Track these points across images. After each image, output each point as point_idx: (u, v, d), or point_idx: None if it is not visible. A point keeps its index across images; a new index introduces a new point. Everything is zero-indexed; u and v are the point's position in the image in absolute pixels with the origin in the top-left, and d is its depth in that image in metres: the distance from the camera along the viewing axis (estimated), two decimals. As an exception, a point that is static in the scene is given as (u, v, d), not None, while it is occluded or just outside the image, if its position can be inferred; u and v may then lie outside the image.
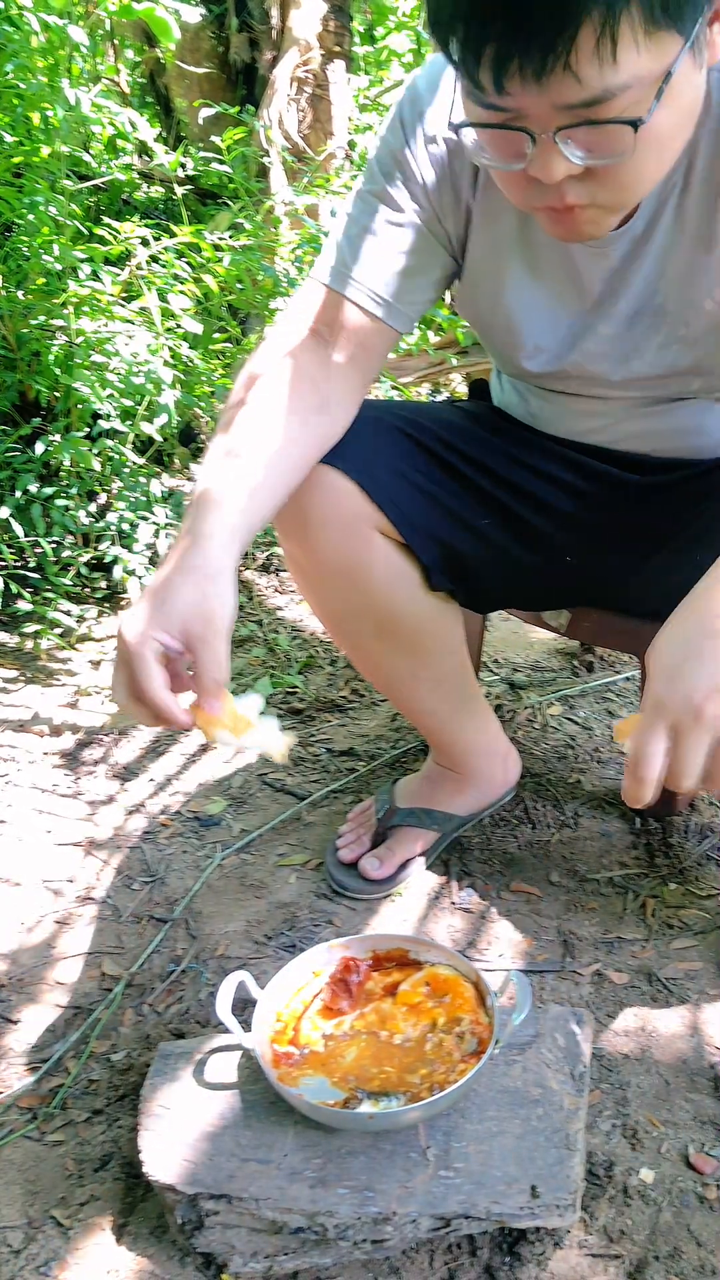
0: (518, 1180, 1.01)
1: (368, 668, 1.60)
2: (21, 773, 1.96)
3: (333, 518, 1.32)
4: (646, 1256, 1.05)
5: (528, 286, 1.24)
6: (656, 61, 0.83)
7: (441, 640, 1.50)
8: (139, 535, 2.60)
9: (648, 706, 0.91)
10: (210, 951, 1.48)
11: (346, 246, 1.23)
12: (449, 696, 1.58)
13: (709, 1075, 1.26)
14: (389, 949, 1.26)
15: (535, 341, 1.28)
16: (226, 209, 3.20)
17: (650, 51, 0.82)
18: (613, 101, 0.84)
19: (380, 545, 1.37)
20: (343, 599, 1.44)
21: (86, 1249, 1.07)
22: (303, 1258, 1.01)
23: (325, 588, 1.44)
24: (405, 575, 1.41)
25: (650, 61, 0.83)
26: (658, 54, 0.83)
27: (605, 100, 0.83)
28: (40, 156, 2.50)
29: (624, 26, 0.79)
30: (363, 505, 1.33)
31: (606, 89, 0.82)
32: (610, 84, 0.82)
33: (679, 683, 0.89)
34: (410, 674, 1.53)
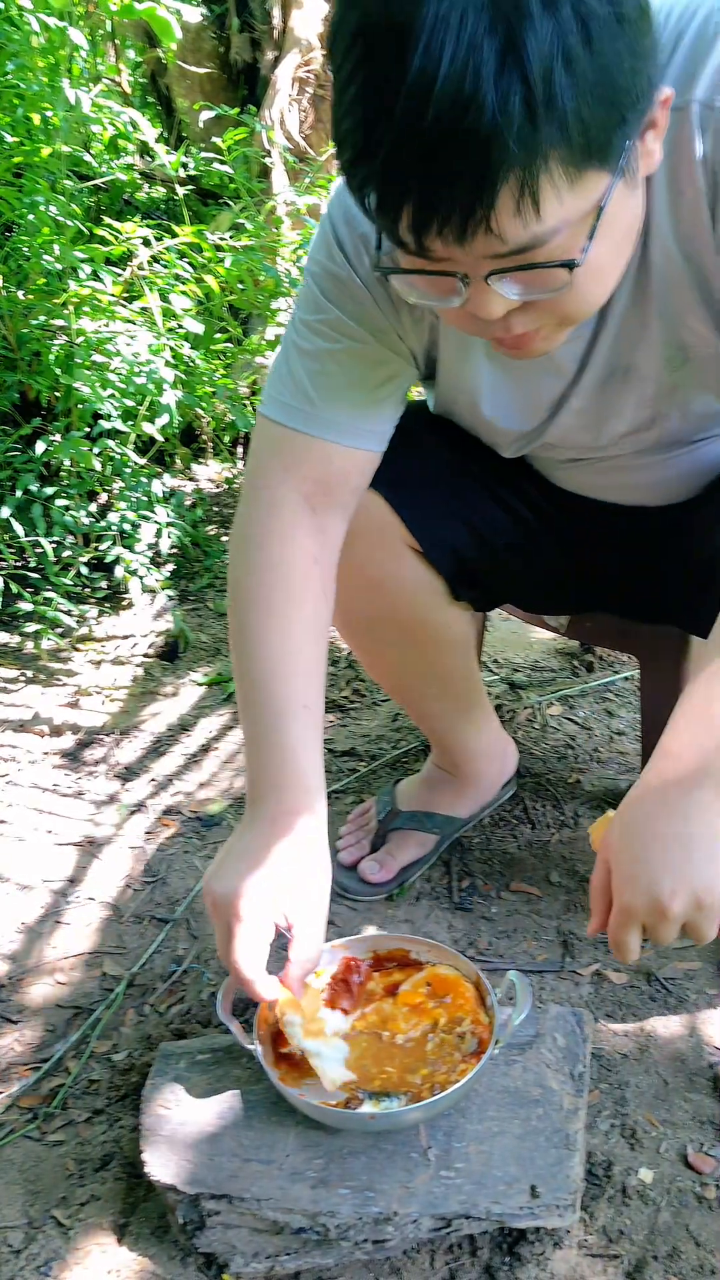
0: (518, 1180, 1.01)
1: (380, 672, 1.61)
2: (22, 773, 1.96)
3: (363, 531, 1.31)
4: (645, 1256, 1.05)
5: (503, 386, 1.20)
6: (586, 200, 0.80)
7: (458, 649, 1.51)
8: (140, 535, 2.60)
9: (618, 908, 0.95)
10: (211, 952, 1.49)
11: (309, 384, 1.17)
12: (456, 700, 1.59)
13: (708, 1075, 1.26)
14: (390, 949, 1.26)
15: (512, 432, 1.25)
16: (228, 209, 3.21)
17: (576, 194, 0.78)
18: (542, 247, 0.80)
19: (406, 558, 1.38)
20: (368, 609, 1.44)
21: (87, 1249, 1.07)
22: (304, 1258, 1.02)
23: (351, 599, 1.41)
24: (430, 586, 1.41)
25: (579, 202, 0.79)
26: (585, 193, 0.79)
27: (534, 247, 0.80)
28: (41, 157, 2.50)
29: (544, 183, 0.75)
30: (389, 519, 1.33)
31: (534, 239, 0.79)
32: (537, 234, 0.79)
33: (641, 890, 0.93)
34: (422, 679, 1.54)
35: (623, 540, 1.41)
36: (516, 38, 0.69)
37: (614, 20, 0.73)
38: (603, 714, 2.11)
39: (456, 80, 0.69)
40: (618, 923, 0.96)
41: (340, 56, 0.76)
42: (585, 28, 0.71)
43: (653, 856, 0.93)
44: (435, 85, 0.70)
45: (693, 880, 0.92)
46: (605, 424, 1.20)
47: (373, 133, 0.74)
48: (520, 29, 0.69)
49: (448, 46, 0.69)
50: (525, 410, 1.22)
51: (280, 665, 1.15)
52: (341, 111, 0.77)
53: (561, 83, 0.71)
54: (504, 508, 1.40)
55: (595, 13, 0.71)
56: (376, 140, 0.74)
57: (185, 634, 2.45)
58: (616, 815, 0.99)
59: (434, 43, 0.69)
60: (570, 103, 0.72)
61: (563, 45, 0.70)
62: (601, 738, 2.02)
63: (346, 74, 0.75)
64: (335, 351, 1.16)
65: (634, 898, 0.94)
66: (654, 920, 0.94)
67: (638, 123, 0.80)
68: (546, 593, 1.57)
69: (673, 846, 0.92)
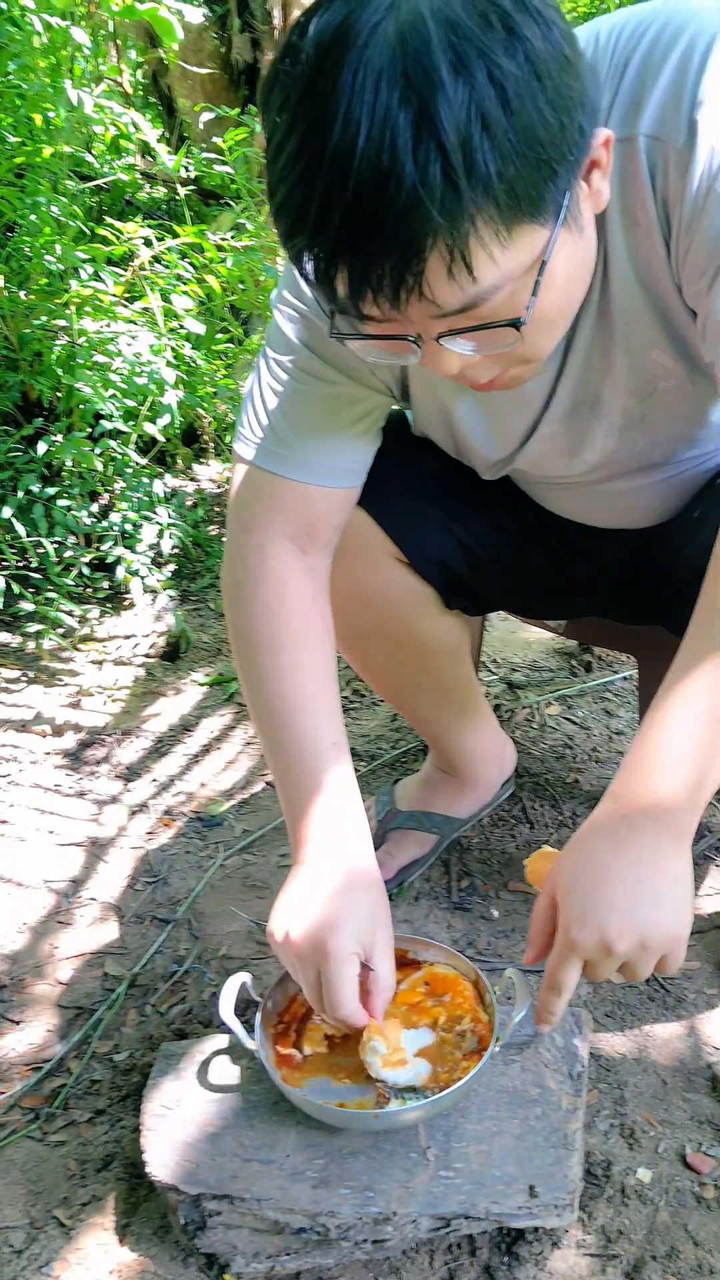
0: (516, 1180, 1.02)
1: (374, 679, 1.61)
2: (24, 773, 1.97)
3: (349, 546, 1.31)
4: (644, 1256, 1.05)
5: (474, 417, 1.20)
6: (526, 254, 0.79)
7: (451, 655, 1.52)
8: (142, 535, 2.61)
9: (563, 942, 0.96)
10: (213, 952, 1.49)
11: (284, 426, 1.17)
12: (452, 704, 1.60)
13: (706, 1075, 1.27)
14: None
15: (487, 458, 1.25)
16: (229, 209, 3.21)
17: (514, 251, 0.78)
18: (485, 304, 0.80)
19: (395, 571, 1.38)
20: (358, 623, 1.45)
21: (89, 1249, 1.08)
22: (304, 1258, 1.02)
23: (341, 613, 1.41)
24: (419, 596, 1.42)
25: (518, 257, 0.79)
26: (525, 248, 0.79)
27: (477, 305, 0.80)
28: (43, 157, 2.50)
29: (474, 246, 0.75)
30: (376, 534, 1.34)
31: (474, 299, 0.79)
32: (475, 294, 0.79)
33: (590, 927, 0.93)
34: (416, 685, 1.55)
35: (606, 557, 1.42)
36: (429, 108, 0.69)
37: (532, 78, 0.73)
38: (601, 714, 2.12)
39: (374, 153, 0.70)
40: (560, 956, 0.97)
41: (269, 127, 0.77)
42: (501, 90, 0.71)
43: (604, 895, 0.93)
44: (355, 159, 0.71)
45: (640, 921, 0.93)
46: (576, 453, 1.20)
47: (301, 206, 0.75)
48: (432, 99, 0.69)
49: (364, 121, 0.70)
50: (497, 439, 1.22)
51: (303, 707, 1.16)
52: (274, 181, 0.78)
53: (481, 148, 0.71)
54: (488, 519, 1.40)
55: (510, 74, 0.71)
56: (305, 214, 0.75)
57: (187, 634, 2.46)
58: (566, 851, 0.99)
59: (351, 117, 0.70)
60: (492, 165, 0.72)
61: (479, 110, 0.70)
62: (600, 738, 2.03)
63: (275, 145, 0.76)
64: (307, 393, 1.16)
65: (581, 934, 0.94)
66: (598, 957, 0.94)
67: (572, 171, 0.80)
68: (536, 600, 1.58)
69: (623, 886, 0.93)
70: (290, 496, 1.19)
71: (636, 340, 1.04)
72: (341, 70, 0.70)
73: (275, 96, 0.76)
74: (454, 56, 0.70)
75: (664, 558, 1.32)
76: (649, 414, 1.13)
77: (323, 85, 0.71)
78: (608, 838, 0.95)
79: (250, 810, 1.85)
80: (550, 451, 1.21)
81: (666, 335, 1.03)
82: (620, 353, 1.06)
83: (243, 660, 1.21)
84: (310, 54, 0.73)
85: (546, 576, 1.47)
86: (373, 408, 1.21)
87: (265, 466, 1.19)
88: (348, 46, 0.71)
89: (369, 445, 1.24)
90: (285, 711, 1.16)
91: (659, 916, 0.93)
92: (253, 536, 1.20)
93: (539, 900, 1.01)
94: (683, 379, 1.08)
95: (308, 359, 1.14)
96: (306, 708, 1.16)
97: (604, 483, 1.26)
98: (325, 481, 1.20)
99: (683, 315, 1.01)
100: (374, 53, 0.70)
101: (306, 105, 0.73)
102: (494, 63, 0.70)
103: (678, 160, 0.89)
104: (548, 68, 0.73)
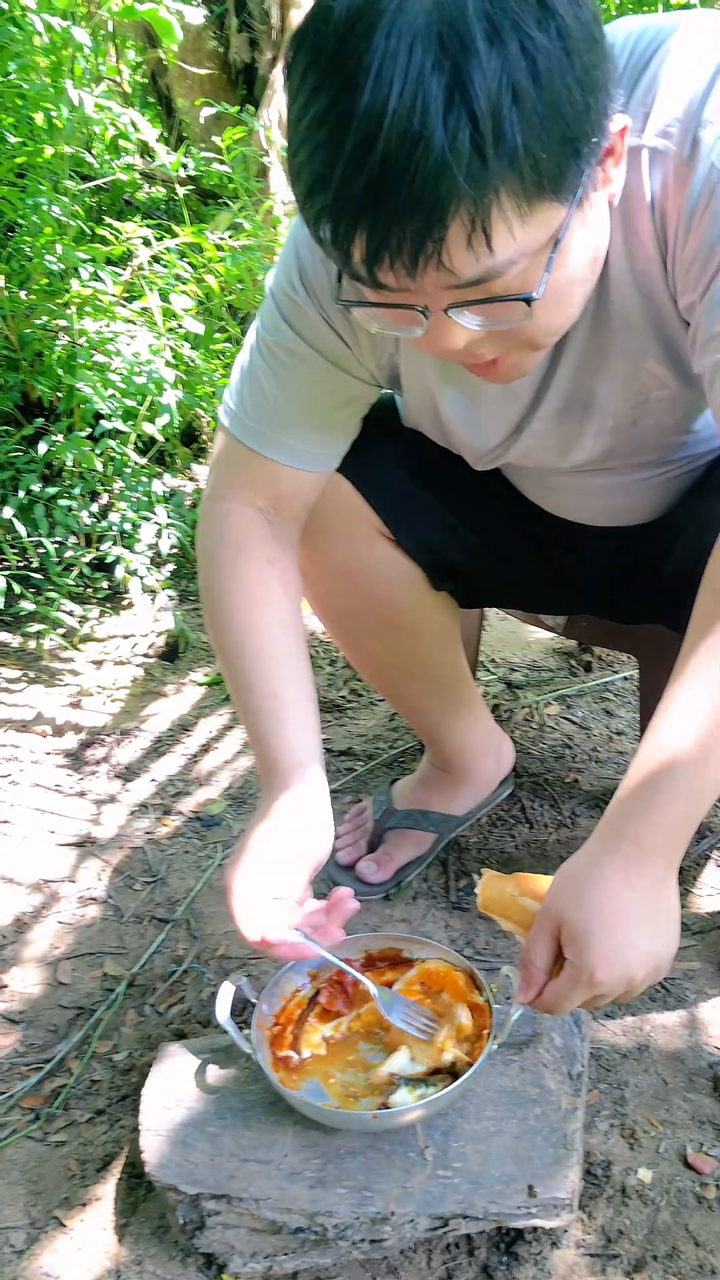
0: (515, 1180, 1.02)
1: (365, 666, 1.62)
2: (24, 773, 1.97)
3: (334, 521, 1.33)
4: (644, 1256, 1.05)
5: (462, 408, 1.20)
6: (542, 232, 0.80)
7: (439, 639, 1.52)
8: (141, 535, 2.61)
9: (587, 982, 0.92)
10: (212, 952, 1.49)
11: (266, 405, 1.19)
12: (444, 695, 1.60)
13: (707, 1075, 1.26)
14: (381, 949, 1.27)
15: (476, 449, 1.25)
16: (227, 209, 3.21)
17: (531, 227, 0.78)
18: (498, 279, 0.81)
19: (382, 547, 1.38)
20: (344, 600, 1.45)
21: (89, 1249, 1.08)
22: (302, 1258, 1.02)
23: (327, 589, 1.45)
24: (406, 576, 1.42)
25: (534, 233, 0.79)
26: (541, 225, 0.79)
27: (490, 279, 0.80)
28: (43, 157, 2.50)
29: (495, 217, 0.76)
30: (363, 508, 1.34)
31: (489, 271, 0.79)
32: (491, 267, 0.79)
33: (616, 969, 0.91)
34: (406, 672, 1.54)
35: (597, 554, 1.42)
36: (462, 74, 0.69)
37: (562, 54, 0.73)
38: (601, 714, 2.12)
39: (405, 117, 0.70)
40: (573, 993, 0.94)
41: (295, 88, 0.77)
42: (533, 63, 0.71)
43: (626, 935, 0.91)
44: (384, 122, 0.71)
45: (656, 955, 0.92)
46: (567, 453, 1.21)
47: (325, 167, 0.75)
48: (466, 66, 0.69)
49: (395, 83, 0.70)
50: (486, 431, 1.22)
51: (253, 663, 1.20)
52: (296, 143, 0.77)
53: (510, 118, 0.72)
54: (478, 507, 1.41)
55: (543, 48, 0.71)
56: (328, 175, 0.75)
57: (185, 634, 2.45)
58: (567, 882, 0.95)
59: (382, 79, 0.70)
60: (519, 138, 0.73)
61: (510, 81, 0.71)
62: (600, 738, 2.03)
63: (300, 106, 0.76)
64: (291, 376, 1.17)
65: (608, 975, 0.91)
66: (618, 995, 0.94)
67: (592, 153, 0.80)
68: (527, 592, 1.57)
69: (642, 925, 0.92)
70: (261, 472, 1.22)
71: (631, 347, 1.05)
72: (375, 32, 0.71)
73: (303, 56, 0.76)
74: (489, 25, 0.70)
75: (656, 556, 1.32)
76: (640, 420, 1.14)
77: (355, 45, 0.71)
78: (620, 871, 0.92)
79: (249, 810, 1.84)
80: (541, 448, 1.21)
81: (660, 345, 1.04)
82: (615, 358, 1.07)
83: (207, 621, 1.26)
84: (343, 14, 0.73)
85: (537, 570, 1.47)
86: (354, 397, 1.22)
87: (243, 440, 1.21)
88: (382, 9, 0.71)
89: (345, 434, 1.26)
90: (240, 670, 1.21)
91: (665, 946, 0.93)
92: (221, 503, 1.25)
93: (535, 936, 0.97)
94: (674, 390, 1.08)
95: (293, 341, 1.15)
96: (257, 665, 1.20)
97: (594, 479, 1.26)
98: (296, 463, 1.22)
99: (677, 326, 1.01)
100: (409, 16, 0.70)
101: (337, 65, 0.72)
102: (527, 34, 0.71)
103: (677, 173, 0.90)
104: (577, 45, 0.74)
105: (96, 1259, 1.07)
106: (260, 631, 1.21)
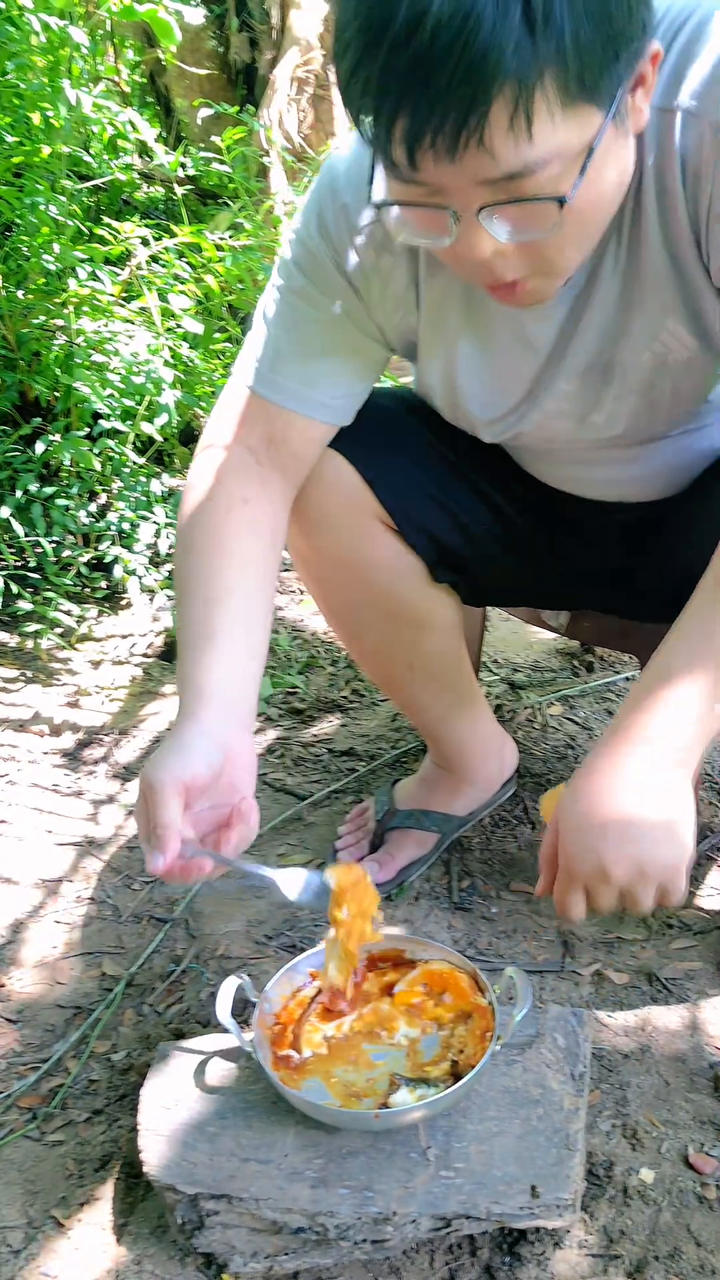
0: (518, 1180, 1.01)
1: (366, 660, 1.61)
2: (22, 772, 1.96)
3: (337, 509, 1.33)
4: (646, 1256, 1.05)
5: (479, 363, 1.20)
6: (577, 135, 0.81)
7: (442, 634, 1.51)
8: (139, 535, 2.60)
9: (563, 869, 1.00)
10: (210, 951, 1.48)
11: (270, 348, 1.20)
12: (446, 691, 1.59)
13: (709, 1075, 1.26)
14: (384, 950, 1.26)
15: (490, 415, 1.25)
16: (226, 209, 3.20)
17: (569, 126, 0.79)
18: (533, 177, 0.81)
19: (383, 538, 1.38)
20: (346, 591, 1.45)
21: (87, 1249, 1.07)
22: (303, 1258, 1.02)
23: (328, 580, 1.45)
24: (408, 568, 1.41)
25: (570, 135, 0.80)
26: (577, 128, 0.80)
27: (525, 176, 0.81)
28: (41, 156, 2.50)
29: (538, 102, 0.76)
30: (366, 497, 1.33)
31: (526, 165, 0.80)
32: (529, 159, 0.79)
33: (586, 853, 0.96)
34: (408, 667, 1.54)
35: (604, 536, 1.42)
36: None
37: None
38: (603, 714, 2.11)
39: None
40: (561, 886, 1.00)
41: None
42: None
43: (599, 824, 0.95)
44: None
45: (637, 849, 0.94)
46: (585, 417, 1.21)
47: (372, 41, 0.76)
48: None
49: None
50: (501, 388, 1.22)
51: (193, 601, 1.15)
52: (344, 20, 0.78)
53: (560, 4, 0.73)
54: (481, 497, 1.40)
55: None
56: (375, 48, 0.76)
57: (185, 634, 2.45)
58: (569, 784, 1.01)
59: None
60: (568, 24, 0.74)
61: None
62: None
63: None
64: (297, 320, 1.19)
65: (578, 864, 0.96)
66: (595, 884, 0.97)
67: (630, 66, 0.82)
68: (532, 585, 1.56)
69: (619, 815, 0.95)
70: (255, 409, 1.22)
71: (654, 305, 1.06)
72: None
73: None
74: None
75: (662, 546, 1.31)
76: (658, 383, 1.14)
77: None
78: (606, 767, 0.97)
79: (249, 810, 1.84)
80: (559, 414, 1.21)
81: (684, 305, 1.05)
82: (639, 315, 1.07)
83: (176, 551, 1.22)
84: None
85: (542, 558, 1.46)
86: (357, 351, 1.22)
87: (243, 380, 1.22)
88: None
89: (349, 385, 1.24)
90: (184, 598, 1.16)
91: (655, 845, 0.95)
92: (210, 447, 1.24)
93: (547, 833, 1.03)
94: (694, 352, 1.09)
95: (304, 286, 1.17)
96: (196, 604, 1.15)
97: (605, 451, 1.26)
98: (287, 404, 1.21)
99: (702, 290, 1.03)
100: None
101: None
102: None
103: (713, 137, 0.91)
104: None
105: (95, 1259, 1.06)
106: (211, 566, 1.17)
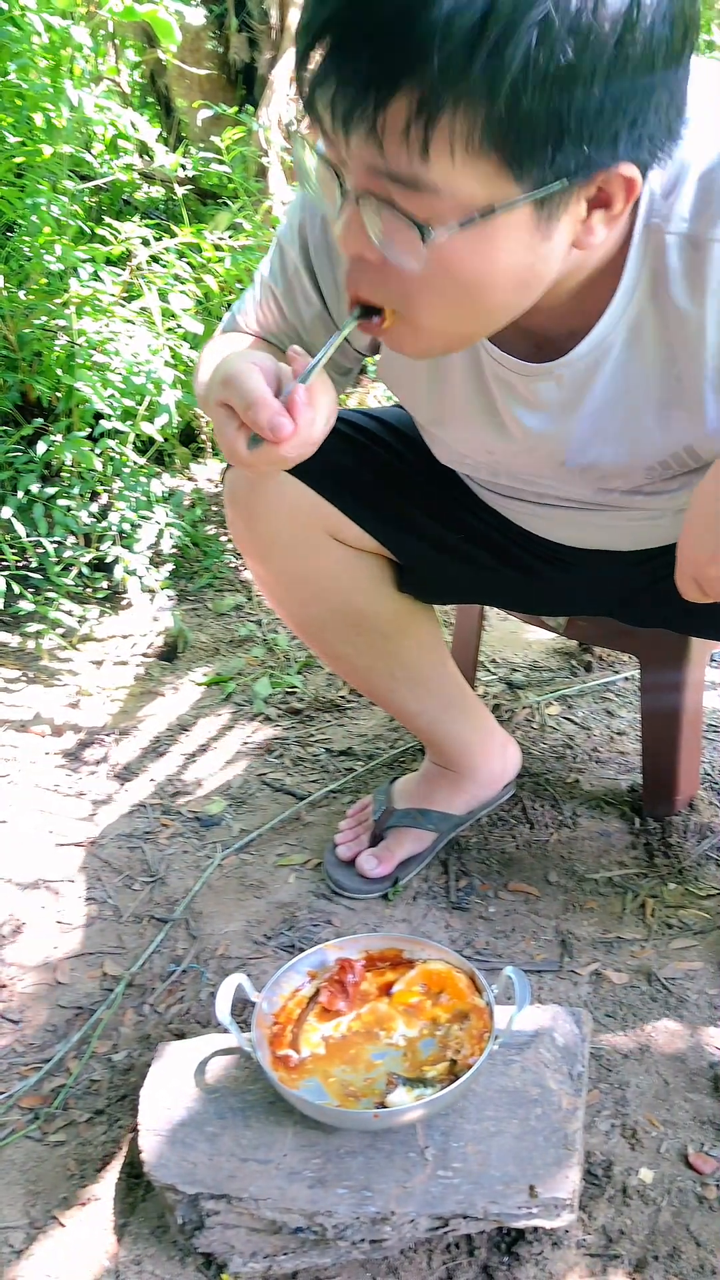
0: (516, 1180, 1.01)
1: (344, 671, 1.61)
2: (23, 773, 1.97)
3: (284, 528, 1.32)
4: (645, 1256, 1.05)
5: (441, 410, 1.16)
6: (477, 187, 0.75)
7: (414, 640, 1.50)
8: (140, 535, 2.60)
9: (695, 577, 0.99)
10: (211, 951, 1.49)
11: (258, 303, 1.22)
12: (433, 695, 1.58)
13: (708, 1075, 1.26)
14: (382, 949, 1.27)
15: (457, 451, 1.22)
16: (226, 209, 3.21)
17: (470, 172, 0.74)
18: (419, 196, 0.76)
19: (335, 550, 1.37)
20: (306, 608, 1.44)
21: (87, 1249, 1.07)
22: (302, 1257, 1.02)
23: (290, 599, 1.44)
24: (364, 578, 1.40)
25: (469, 183, 0.75)
26: (482, 181, 0.75)
27: (412, 189, 0.76)
28: (42, 157, 2.50)
29: (442, 123, 0.71)
30: (314, 514, 1.32)
31: (414, 177, 0.75)
32: (420, 175, 0.74)
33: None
34: (389, 675, 1.53)
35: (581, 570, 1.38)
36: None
37: (613, 43, 0.69)
38: (602, 714, 2.11)
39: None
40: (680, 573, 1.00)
41: None
42: (574, 20, 0.67)
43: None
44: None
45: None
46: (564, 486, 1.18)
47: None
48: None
49: None
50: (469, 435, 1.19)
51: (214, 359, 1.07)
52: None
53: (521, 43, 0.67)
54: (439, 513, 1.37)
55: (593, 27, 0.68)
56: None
57: (184, 634, 2.45)
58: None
59: None
60: (514, 68, 0.68)
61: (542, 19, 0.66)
62: (601, 738, 2.02)
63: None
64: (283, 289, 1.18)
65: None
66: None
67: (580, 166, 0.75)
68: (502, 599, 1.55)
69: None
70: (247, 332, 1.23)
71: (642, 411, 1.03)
72: None
73: None
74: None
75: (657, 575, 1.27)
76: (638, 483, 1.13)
77: None
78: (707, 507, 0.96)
79: (248, 810, 1.84)
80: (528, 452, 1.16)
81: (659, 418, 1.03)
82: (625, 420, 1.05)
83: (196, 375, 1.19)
84: None
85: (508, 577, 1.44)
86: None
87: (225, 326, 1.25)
88: None
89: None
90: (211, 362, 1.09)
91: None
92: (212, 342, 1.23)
93: None
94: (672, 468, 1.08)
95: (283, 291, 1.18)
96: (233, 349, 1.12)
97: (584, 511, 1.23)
98: None
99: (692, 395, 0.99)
100: None
101: None
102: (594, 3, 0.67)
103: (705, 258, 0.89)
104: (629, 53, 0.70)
105: (95, 1259, 1.06)
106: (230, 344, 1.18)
